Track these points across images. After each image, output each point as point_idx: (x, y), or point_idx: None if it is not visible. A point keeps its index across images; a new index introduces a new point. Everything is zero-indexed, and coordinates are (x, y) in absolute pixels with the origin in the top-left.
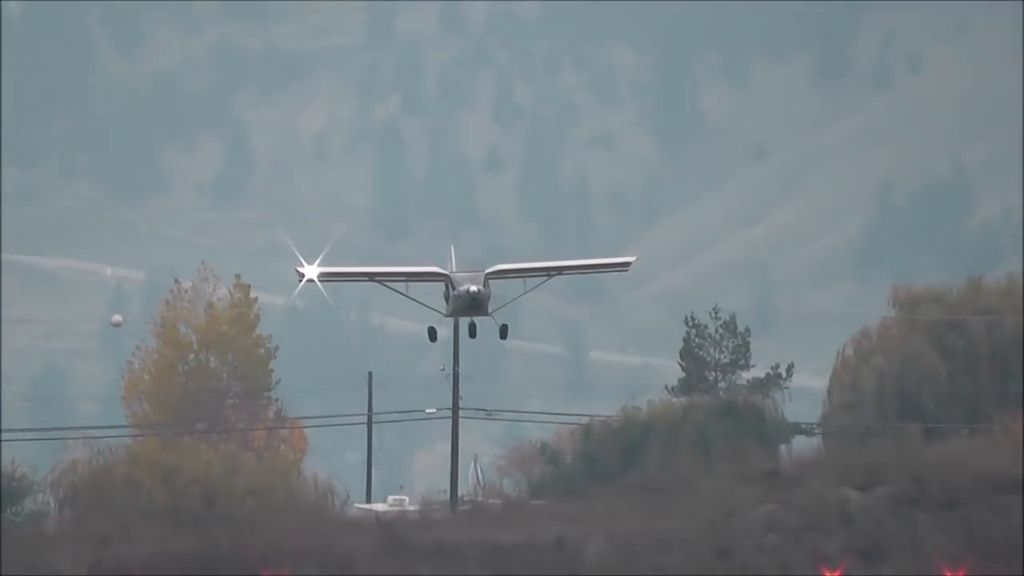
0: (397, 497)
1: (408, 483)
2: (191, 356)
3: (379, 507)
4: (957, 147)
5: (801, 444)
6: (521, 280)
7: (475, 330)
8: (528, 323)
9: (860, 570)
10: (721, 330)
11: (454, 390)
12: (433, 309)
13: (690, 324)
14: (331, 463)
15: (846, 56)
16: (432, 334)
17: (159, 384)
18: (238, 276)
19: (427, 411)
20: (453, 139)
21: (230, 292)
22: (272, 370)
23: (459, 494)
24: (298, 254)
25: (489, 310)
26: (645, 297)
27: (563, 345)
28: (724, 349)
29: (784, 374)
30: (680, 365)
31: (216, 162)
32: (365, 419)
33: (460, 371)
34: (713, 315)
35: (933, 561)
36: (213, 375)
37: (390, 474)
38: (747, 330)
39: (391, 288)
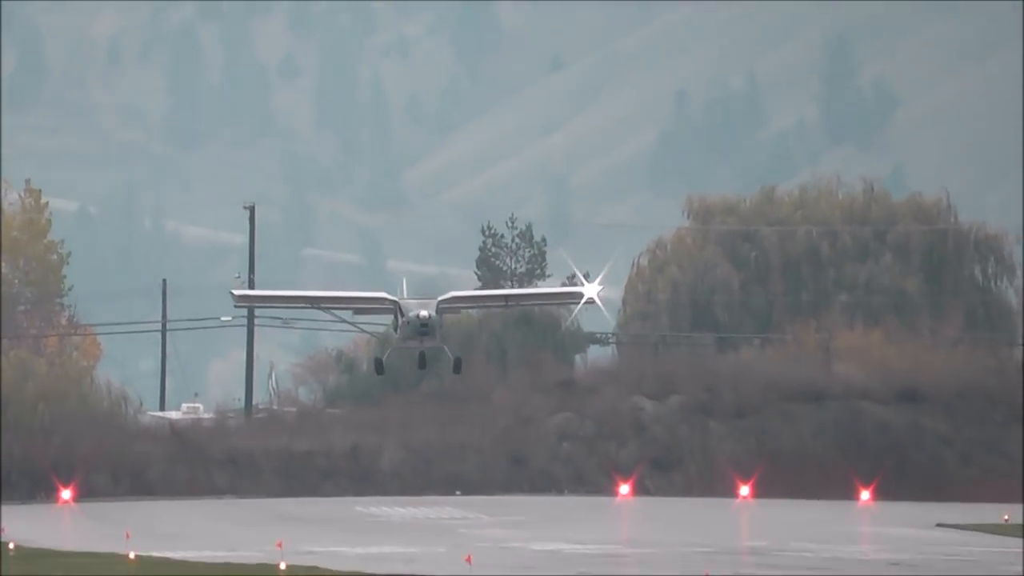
0: (191, 405)
1: (203, 391)
2: None
3: (173, 415)
4: (751, 58)
5: (596, 354)
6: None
7: (425, 360)
8: (325, 232)
9: (653, 478)
10: (517, 239)
11: None
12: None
13: (487, 233)
14: (125, 371)
15: None
16: (378, 366)
17: None
18: (28, 181)
19: (222, 319)
20: (248, 45)
21: (21, 197)
22: (64, 276)
23: (254, 402)
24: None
25: (439, 340)
26: (442, 206)
27: (360, 254)
28: (520, 258)
29: (579, 283)
30: (476, 274)
31: (7, 66)
32: (159, 326)
33: (256, 279)
34: (509, 224)
35: (725, 469)
36: (4, 281)
37: (184, 382)
38: (543, 240)
39: (335, 315)
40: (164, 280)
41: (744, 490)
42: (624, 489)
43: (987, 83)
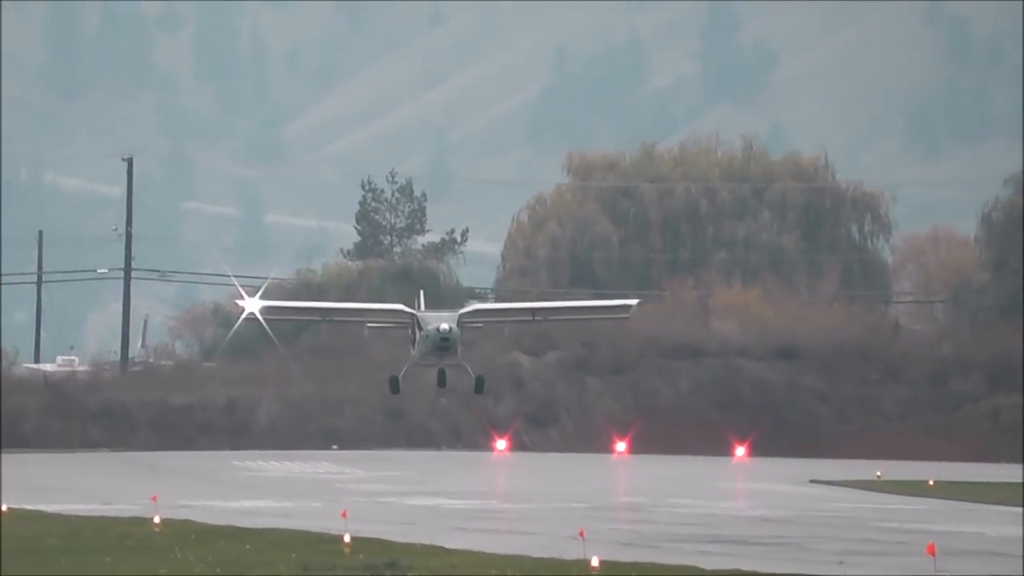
0: (67, 357)
1: (79, 343)
2: None
3: (48, 367)
4: (633, 14)
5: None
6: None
7: (445, 378)
8: (204, 185)
9: (530, 434)
10: (397, 194)
11: (127, 250)
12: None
13: (367, 188)
14: None
15: None
16: (394, 384)
17: None
18: None
19: (98, 271)
20: None
21: None
22: None
23: (130, 355)
24: (241, 290)
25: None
26: (322, 160)
27: (239, 207)
28: (400, 213)
29: (459, 239)
30: (356, 229)
31: None
32: (35, 278)
33: (134, 231)
34: (390, 179)
35: (601, 424)
36: None
37: (60, 334)
38: (423, 195)
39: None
40: (40, 231)
41: (621, 446)
42: (501, 444)
43: (864, 42)
